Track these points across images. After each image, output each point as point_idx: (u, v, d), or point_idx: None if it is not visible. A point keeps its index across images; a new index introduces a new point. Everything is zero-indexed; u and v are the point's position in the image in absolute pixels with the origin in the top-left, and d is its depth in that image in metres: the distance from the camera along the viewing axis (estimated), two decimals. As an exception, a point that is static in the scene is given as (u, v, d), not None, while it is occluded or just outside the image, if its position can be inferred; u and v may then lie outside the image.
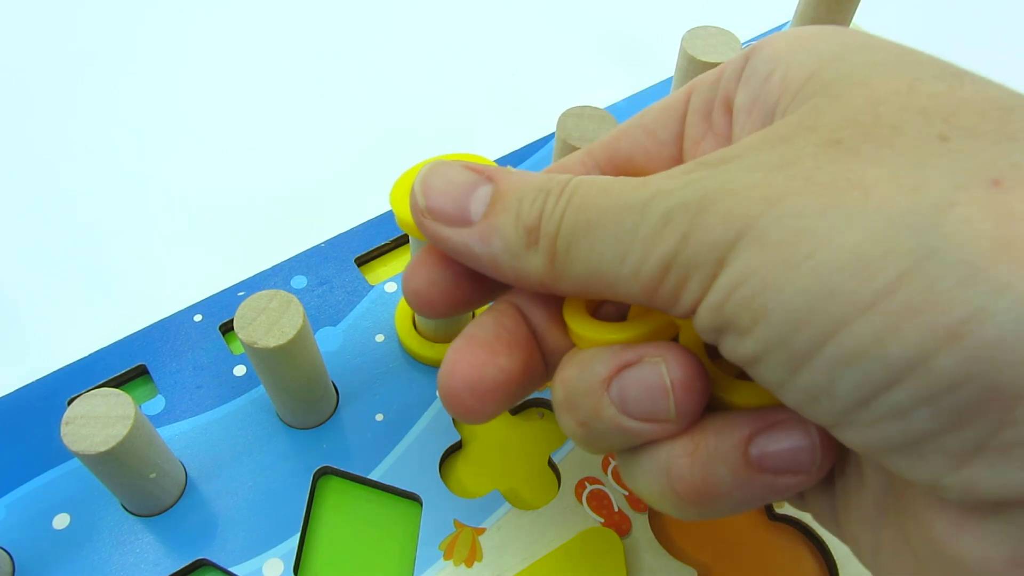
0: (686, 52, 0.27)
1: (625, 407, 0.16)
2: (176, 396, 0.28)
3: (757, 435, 0.16)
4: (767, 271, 0.13)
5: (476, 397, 0.18)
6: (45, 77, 0.43)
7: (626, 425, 0.16)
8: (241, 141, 0.40)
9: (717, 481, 0.16)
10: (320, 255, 0.31)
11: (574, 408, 0.17)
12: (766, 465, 0.16)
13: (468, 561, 0.24)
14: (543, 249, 0.17)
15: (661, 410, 0.16)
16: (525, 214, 0.17)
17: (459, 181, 0.18)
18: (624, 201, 0.15)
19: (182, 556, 0.24)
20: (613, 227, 0.15)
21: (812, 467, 0.16)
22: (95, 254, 0.36)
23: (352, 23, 0.47)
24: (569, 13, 0.48)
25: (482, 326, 0.19)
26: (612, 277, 0.16)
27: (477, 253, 0.17)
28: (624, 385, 0.16)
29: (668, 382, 0.16)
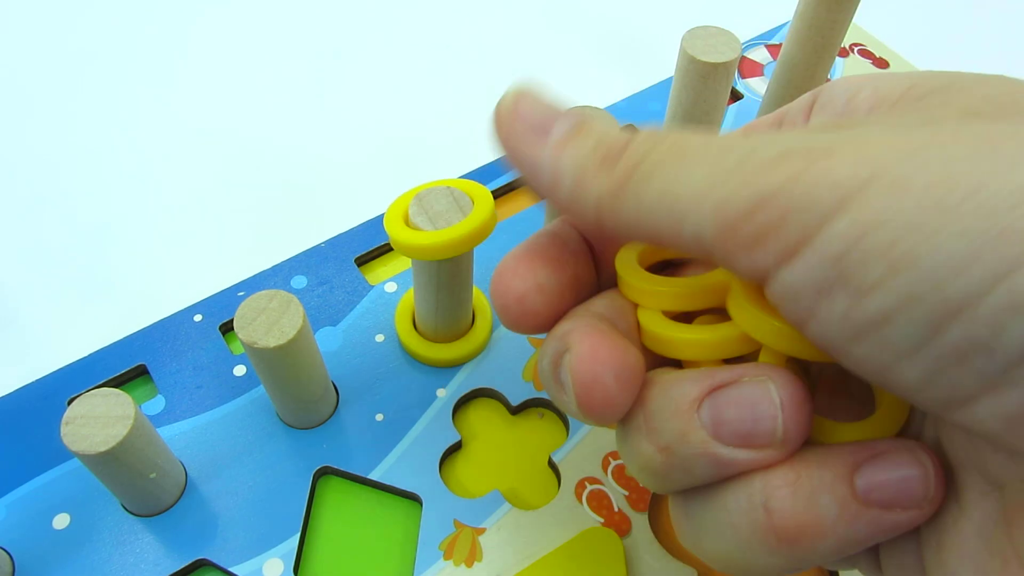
0: (686, 52, 0.27)
1: (719, 430, 0.15)
2: (176, 396, 0.28)
3: (863, 465, 0.14)
4: (914, 213, 0.12)
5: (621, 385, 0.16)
6: (45, 77, 0.43)
7: (717, 452, 0.15)
8: (241, 141, 0.40)
9: (823, 515, 0.14)
10: (320, 255, 0.31)
11: (655, 432, 0.15)
12: (874, 498, 0.14)
13: (468, 561, 0.24)
14: (620, 170, 0.15)
15: (764, 433, 0.14)
16: (609, 141, 0.15)
17: (550, 106, 0.17)
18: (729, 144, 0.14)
19: (182, 556, 0.24)
20: (712, 160, 0.14)
21: (925, 500, 0.14)
22: (95, 254, 0.36)
23: (352, 23, 0.47)
24: (569, 13, 0.48)
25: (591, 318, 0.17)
26: (688, 207, 0.14)
27: (542, 166, 0.16)
28: (720, 405, 0.15)
29: (778, 400, 0.14)
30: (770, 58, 0.40)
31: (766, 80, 0.39)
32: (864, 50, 0.40)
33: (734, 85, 0.38)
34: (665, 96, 0.38)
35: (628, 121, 0.37)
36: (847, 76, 0.17)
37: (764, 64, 0.40)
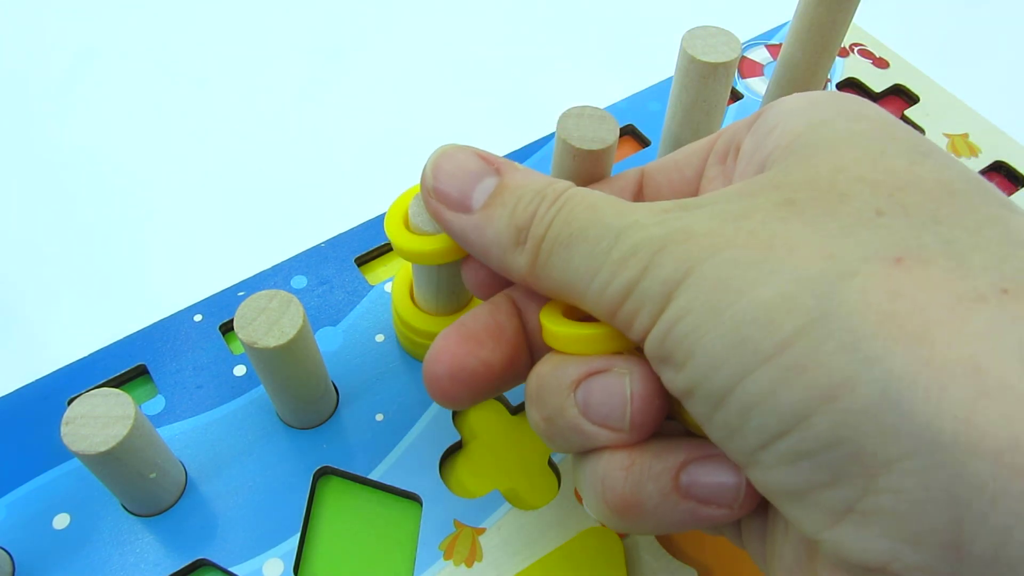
0: (686, 52, 0.27)
1: (586, 410, 0.17)
2: (176, 396, 0.28)
3: (691, 463, 0.17)
4: (699, 313, 0.15)
5: (455, 384, 0.19)
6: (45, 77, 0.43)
7: (583, 427, 0.17)
8: (241, 141, 0.40)
9: (645, 499, 0.17)
10: (320, 255, 0.31)
11: (542, 403, 0.18)
12: (693, 493, 0.17)
13: (468, 561, 0.24)
14: (528, 250, 0.18)
15: (617, 418, 0.17)
16: (519, 213, 0.18)
17: (468, 168, 0.19)
18: (605, 223, 0.17)
19: (182, 556, 0.24)
20: (590, 246, 0.17)
21: (735, 503, 0.17)
22: (95, 254, 0.36)
23: (352, 23, 0.47)
24: (569, 13, 0.48)
25: (475, 317, 0.20)
26: (582, 290, 0.17)
27: (472, 240, 0.19)
28: (590, 389, 0.17)
29: (628, 393, 0.17)
30: (770, 58, 0.40)
31: (766, 80, 0.39)
32: (864, 50, 0.40)
33: (734, 85, 0.38)
34: (665, 96, 0.38)
35: (628, 121, 0.37)
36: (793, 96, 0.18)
37: (764, 64, 0.40)
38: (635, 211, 0.17)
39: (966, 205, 0.14)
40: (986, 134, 0.37)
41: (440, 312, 0.27)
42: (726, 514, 0.17)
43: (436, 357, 0.19)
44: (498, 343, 0.20)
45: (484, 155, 0.19)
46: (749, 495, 0.17)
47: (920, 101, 0.38)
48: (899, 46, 0.41)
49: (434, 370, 0.19)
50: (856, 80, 0.39)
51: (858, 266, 0.14)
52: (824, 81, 0.32)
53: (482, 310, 0.20)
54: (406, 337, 0.28)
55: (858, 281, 0.13)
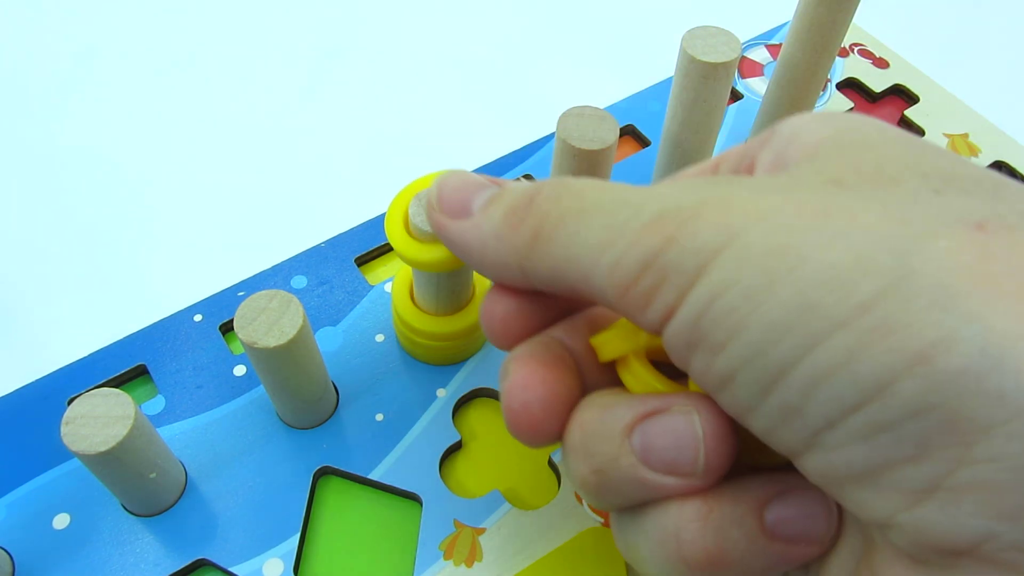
0: (686, 52, 0.27)
1: (647, 457, 0.15)
2: (176, 396, 0.28)
3: (773, 500, 0.15)
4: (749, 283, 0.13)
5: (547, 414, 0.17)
6: (46, 77, 0.43)
7: (645, 476, 0.16)
8: (241, 141, 0.40)
9: (730, 548, 0.15)
10: (320, 255, 0.31)
11: (589, 454, 0.16)
12: (780, 532, 0.15)
13: (468, 561, 0.24)
14: (529, 226, 0.16)
15: (687, 463, 0.15)
16: (517, 198, 0.17)
17: (471, 182, 0.19)
18: (622, 197, 0.15)
19: (182, 556, 0.24)
20: (605, 217, 0.15)
21: (826, 535, 0.15)
22: (95, 254, 0.36)
23: (352, 23, 0.47)
24: (569, 13, 0.48)
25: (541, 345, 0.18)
26: (589, 265, 0.15)
27: (470, 241, 0.18)
28: (649, 433, 0.16)
29: (700, 433, 0.15)
30: (770, 58, 0.40)
31: (766, 80, 0.39)
32: (864, 50, 0.40)
33: (734, 85, 0.38)
34: (665, 96, 0.38)
35: (628, 121, 0.37)
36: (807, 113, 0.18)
37: (764, 64, 0.40)
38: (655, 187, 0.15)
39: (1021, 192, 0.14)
40: (986, 134, 0.37)
41: (440, 312, 0.27)
42: (816, 550, 0.15)
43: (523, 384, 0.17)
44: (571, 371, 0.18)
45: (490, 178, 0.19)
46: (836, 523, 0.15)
47: (920, 101, 0.38)
48: (899, 46, 0.41)
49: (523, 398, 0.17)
50: (856, 80, 0.39)
51: (938, 229, 0.13)
52: (824, 81, 0.32)
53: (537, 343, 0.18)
54: (406, 337, 0.28)
55: (942, 243, 0.12)
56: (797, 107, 0.33)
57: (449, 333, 0.27)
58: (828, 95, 0.38)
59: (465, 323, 0.27)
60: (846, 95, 0.38)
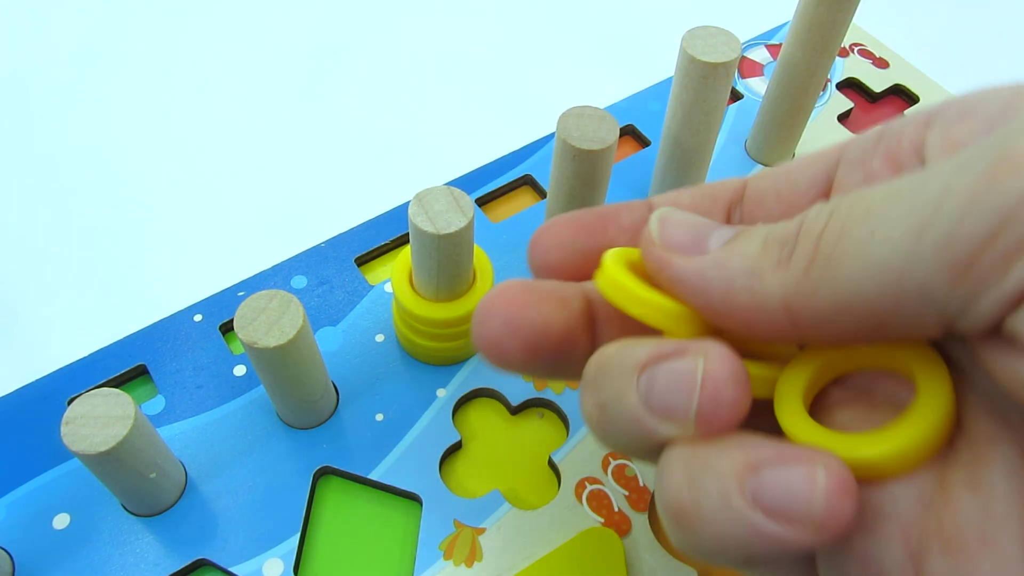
0: (686, 52, 0.27)
1: (649, 398, 0.14)
2: (176, 396, 0.28)
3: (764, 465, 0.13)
4: None
5: (509, 334, 0.16)
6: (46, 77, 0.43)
7: (642, 417, 0.14)
8: (241, 141, 0.40)
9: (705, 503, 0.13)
10: (320, 255, 0.31)
11: (598, 387, 0.15)
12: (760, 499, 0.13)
13: (468, 561, 0.24)
14: (799, 255, 0.13)
15: (681, 408, 0.14)
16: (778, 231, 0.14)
17: (701, 222, 0.16)
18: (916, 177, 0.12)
19: (182, 556, 0.24)
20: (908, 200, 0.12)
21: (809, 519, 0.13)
22: (95, 254, 0.36)
23: (352, 23, 0.47)
24: (569, 13, 0.48)
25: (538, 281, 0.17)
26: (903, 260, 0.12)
27: (709, 277, 0.15)
28: (656, 374, 0.14)
29: (699, 378, 0.14)
30: (770, 58, 0.40)
31: (766, 80, 0.39)
32: (864, 50, 0.40)
33: (734, 85, 0.38)
34: (665, 96, 0.38)
35: (628, 121, 0.37)
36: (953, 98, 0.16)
37: (764, 64, 0.40)
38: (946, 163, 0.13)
39: None
40: (986, 134, 0.37)
41: (440, 298, 0.27)
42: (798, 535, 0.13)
43: (491, 302, 0.16)
44: (561, 307, 0.17)
45: None
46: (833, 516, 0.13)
47: (920, 101, 0.38)
48: (899, 46, 0.41)
49: (487, 317, 0.16)
50: (856, 80, 0.39)
51: None
52: (824, 81, 0.32)
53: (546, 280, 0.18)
54: (406, 337, 0.28)
55: None
56: (797, 107, 0.33)
57: (449, 320, 0.27)
58: (828, 95, 0.38)
59: (465, 309, 0.27)
60: (846, 95, 0.38)
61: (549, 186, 0.28)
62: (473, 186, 0.34)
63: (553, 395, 0.28)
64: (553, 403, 0.28)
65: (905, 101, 0.39)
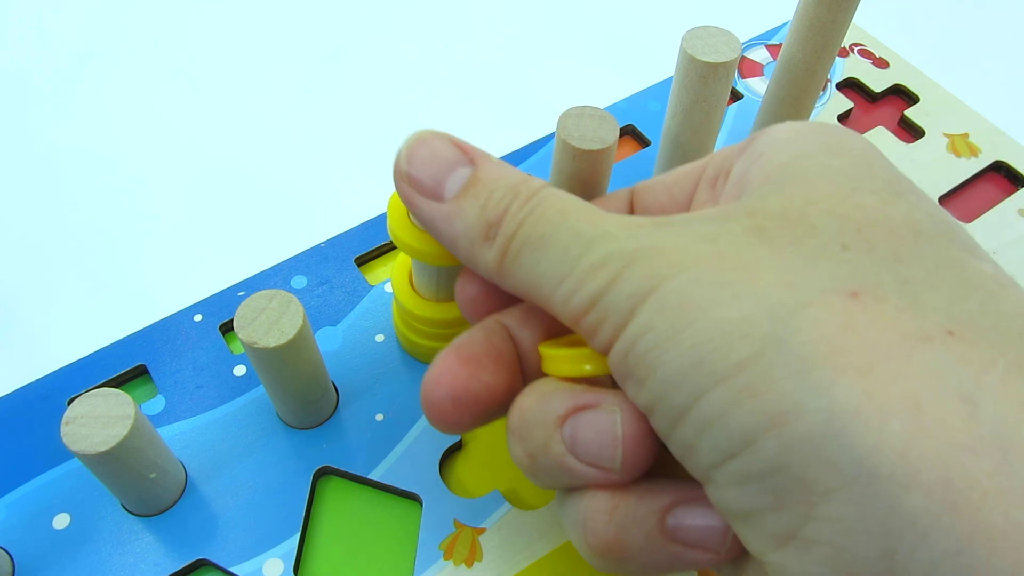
0: (686, 52, 0.27)
1: (574, 447, 0.17)
2: (176, 396, 0.28)
3: (677, 506, 0.16)
4: (660, 331, 0.15)
5: (457, 408, 0.18)
6: (45, 77, 0.43)
7: (571, 465, 0.17)
8: (241, 141, 0.40)
9: (630, 542, 0.16)
10: (320, 255, 0.31)
11: (525, 438, 0.18)
12: (679, 536, 0.16)
13: (468, 561, 0.24)
14: (498, 246, 0.17)
15: (607, 458, 0.16)
16: (491, 208, 0.18)
17: (442, 156, 0.18)
18: (577, 230, 0.16)
19: (182, 556, 0.24)
20: (560, 251, 0.16)
21: (721, 547, 0.16)
22: (95, 254, 0.36)
23: (352, 22, 0.47)
24: (569, 13, 0.48)
25: (472, 340, 0.19)
26: (548, 294, 0.17)
27: (440, 228, 0.18)
28: (578, 426, 0.17)
29: (619, 433, 0.16)
30: (770, 58, 0.40)
31: (766, 80, 0.39)
32: (864, 50, 0.40)
33: (734, 85, 0.38)
34: (665, 96, 0.38)
35: (628, 121, 0.37)
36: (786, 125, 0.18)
37: (764, 64, 0.40)
38: (606, 221, 0.17)
39: (929, 246, 0.15)
40: (986, 134, 0.37)
41: (440, 298, 0.27)
42: (712, 558, 0.16)
43: (437, 380, 0.18)
44: (498, 366, 0.19)
45: (460, 143, 0.19)
46: (735, 539, 0.16)
47: (920, 101, 0.38)
48: (899, 46, 0.41)
49: (434, 393, 0.18)
50: (856, 80, 0.39)
51: (815, 296, 0.14)
52: (824, 81, 0.32)
53: (477, 333, 0.19)
54: (406, 337, 0.28)
55: (813, 312, 0.14)
56: (797, 107, 0.33)
57: (449, 320, 0.27)
58: (828, 95, 0.38)
59: None
60: (846, 95, 0.38)
61: (549, 186, 0.28)
62: (473, 186, 0.34)
63: (553, 395, 0.28)
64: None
65: (905, 101, 0.39)
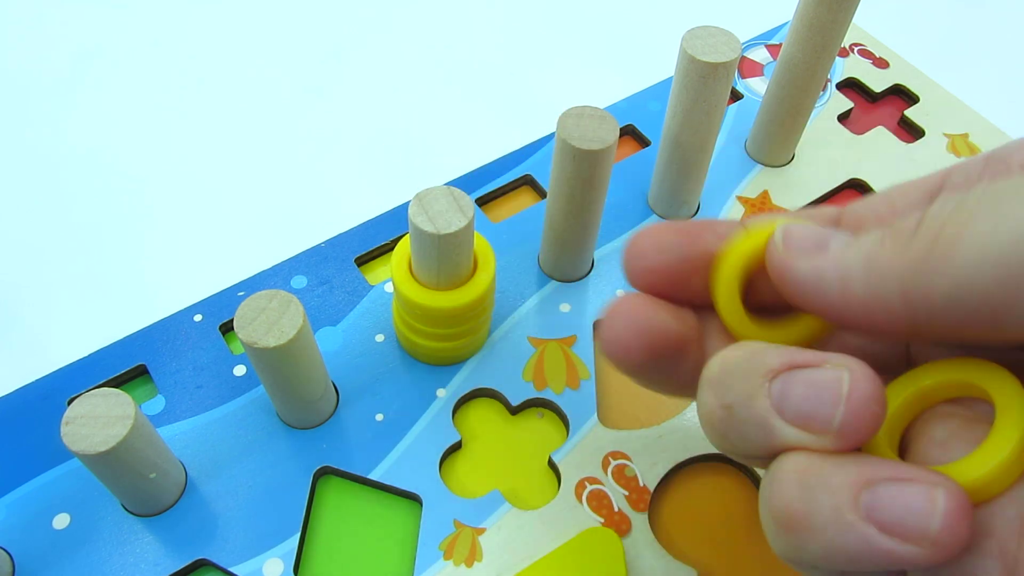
0: (686, 52, 0.27)
1: (783, 404, 0.14)
2: (176, 396, 0.28)
3: (880, 482, 0.14)
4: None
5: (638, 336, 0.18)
6: (45, 77, 0.43)
7: (773, 423, 0.15)
8: (241, 141, 0.40)
9: (814, 513, 0.14)
10: (320, 255, 0.31)
11: (724, 388, 0.15)
12: (875, 515, 0.13)
13: (468, 561, 0.24)
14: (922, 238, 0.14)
15: (822, 419, 0.14)
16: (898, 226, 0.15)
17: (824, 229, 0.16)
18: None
19: (182, 556, 0.24)
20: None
21: (925, 540, 0.13)
22: (95, 254, 0.36)
23: (352, 23, 0.47)
24: (569, 13, 0.48)
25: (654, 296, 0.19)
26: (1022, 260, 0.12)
27: (826, 277, 0.15)
28: (792, 381, 0.14)
29: (844, 392, 0.14)
30: (770, 58, 0.40)
31: (766, 80, 0.39)
32: (864, 50, 0.40)
33: (734, 85, 0.38)
34: (665, 96, 0.38)
35: (628, 121, 0.37)
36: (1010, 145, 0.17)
37: (764, 64, 0.40)
38: None
39: None
40: (986, 134, 0.37)
41: (441, 286, 0.26)
42: (913, 553, 0.13)
43: (616, 308, 0.18)
44: (678, 318, 0.18)
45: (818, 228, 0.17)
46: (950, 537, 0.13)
47: (920, 101, 0.38)
48: (899, 46, 0.41)
49: (614, 320, 0.18)
50: (856, 80, 0.39)
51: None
52: (824, 81, 0.32)
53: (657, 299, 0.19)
54: (406, 337, 0.28)
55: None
56: (797, 107, 0.33)
57: (450, 316, 0.26)
58: (828, 95, 0.38)
59: (467, 298, 0.26)
60: (846, 95, 0.38)
61: (549, 186, 0.28)
62: (473, 186, 0.34)
63: (553, 395, 0.28)
64: (553, 403, 0.28)
65: (905, 101, 0.39)
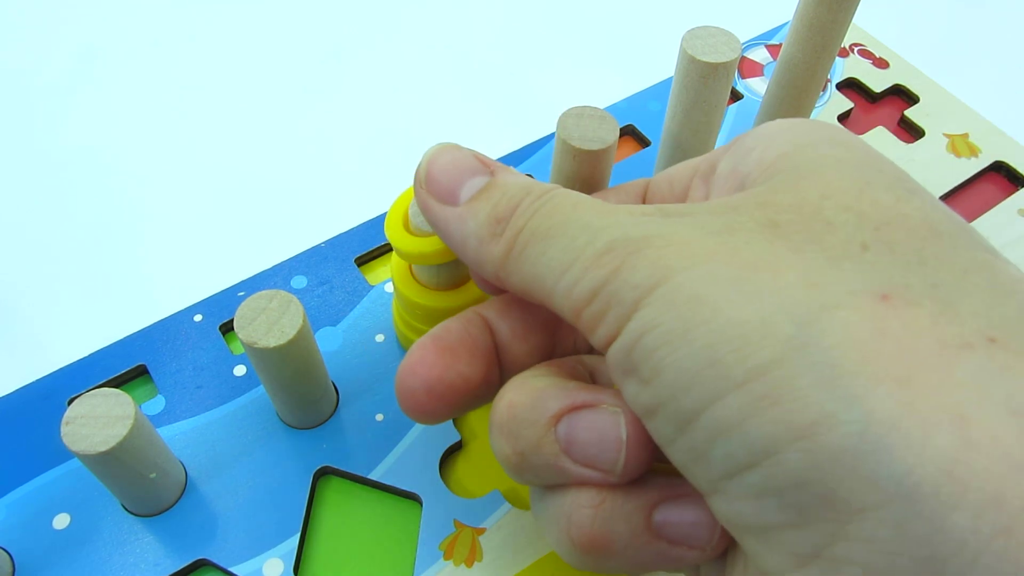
0: (686, 52, 0.27)
1: (571, 449, 0.16)
2: (176, 396, 0.28)
3: (664, 503, 0.16)
4: (669, 327, 0.14)
5: (431, 398, 0.18)
6: (46, 77, 0.43)
7: (564, 466, 0.16)
8: (241, 141, 0.40)
9: (615, 538, 0.16)
10: (320, 255, 0.31)
11: (514, 436, 0.17)
12: (664, 533, 0.16)
13: (468, 561, 0.24)
14: (505, 239, 0.17)
15: (608, 461, 0.16)
16: (502, 205, 0.17)
17: (462, 165, 0.19)
18: (585, 220, 0.16)
19: (182, 556, 0.24)
20: (566, 240, 0.16)
21: (707, 544, 0.16)
22: (95, 254, 0.36)
23: (352, 22, 0.47)
24: (569, 13, 0.48)
25: (448, 330, 0.19)
26: (551, 286, 0.16)
27: (452, 231, 0.18)
28: (575, 426, 0.16)
29: (623, 436, 0.16)
30: (770, 58, 0.40)
31: (766, 80, 0.39)
32: (864, 50, 0.40)
33: (734, 85, 0.38)
34: (665, 96, 0.38)
35: (628, 121, 0.37)
36: (771, 122, 0.18)
37: (764, 64, 0.40)
38: (616, 212, 0.16)
39: (952, 247, 0.14)
40: (986, 134, 0.37)
41: (441, 286, 0.26)
42: (697, 556, 0.16)
43: (411, 369, 0.18)
44: (473, 356, 0.19)
45: (481, 157, 0.19)
46: (722, 536, 0.16)
47: (920, 101, 0.38)
48: (899, 46, 0.41)
49: (409, 383, 0.18)
50: (856, 80, 0.39)
51: (843, 298, 0.13)
52: (824, 81, 0.32)
53: (454, 324, 0.19)
54: (406, 337, 0.28)
55: (842, 314, 0.13)
56: (797, 107, 0.33)
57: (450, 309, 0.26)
58: (828, 95, 0.38)
59: (467, 298, 0.26)
60: (846, 95, 0.38)
61: (549, 186, 0.28)
62: (473, 186, 0.34)
63: (553, 395, 0.28)
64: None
65: (905, 101, 0.39)
